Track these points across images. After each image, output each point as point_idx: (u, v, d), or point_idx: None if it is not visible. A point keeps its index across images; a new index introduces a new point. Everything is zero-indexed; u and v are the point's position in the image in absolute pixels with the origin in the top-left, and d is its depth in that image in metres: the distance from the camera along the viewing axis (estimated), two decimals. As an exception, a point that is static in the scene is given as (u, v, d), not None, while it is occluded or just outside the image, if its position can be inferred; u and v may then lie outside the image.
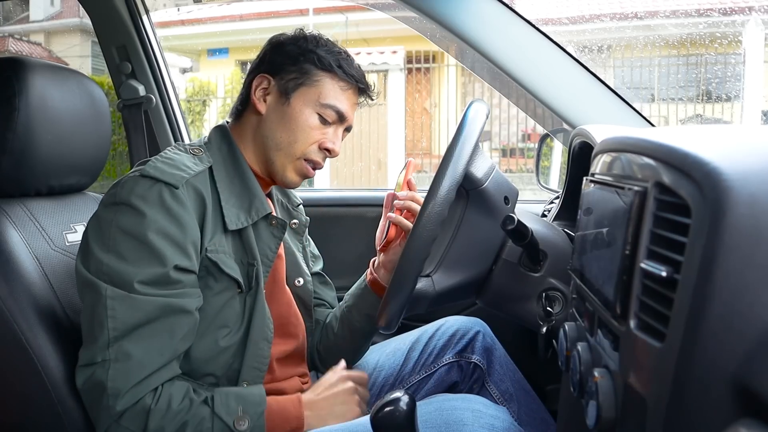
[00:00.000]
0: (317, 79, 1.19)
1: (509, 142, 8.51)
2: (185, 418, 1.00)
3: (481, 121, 1.02)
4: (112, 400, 0.97)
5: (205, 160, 1.13)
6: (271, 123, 1.19)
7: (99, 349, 0.98)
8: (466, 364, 1.33)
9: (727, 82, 6.47)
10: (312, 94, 1.18)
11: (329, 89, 1.19)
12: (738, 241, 0.47)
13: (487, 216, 1.08)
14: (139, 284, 0.99)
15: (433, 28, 1.47)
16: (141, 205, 1.01)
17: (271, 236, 1.18)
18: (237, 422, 1.02)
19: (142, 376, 0.98)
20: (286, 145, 1.18)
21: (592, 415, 0.62)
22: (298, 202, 1.38)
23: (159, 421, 0.98)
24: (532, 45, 1.42)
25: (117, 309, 0.98)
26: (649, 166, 0.60)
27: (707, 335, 0.47)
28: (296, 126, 1.18)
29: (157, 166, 1.06)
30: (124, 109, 2.04)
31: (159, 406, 0.99)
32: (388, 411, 0.83)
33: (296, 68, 1.19)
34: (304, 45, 1.20)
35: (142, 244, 1.00)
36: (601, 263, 0.68)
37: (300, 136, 1.18)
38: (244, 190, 1.15)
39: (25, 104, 1.15)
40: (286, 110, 1.18)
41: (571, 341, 0.77)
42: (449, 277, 1.08)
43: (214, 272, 1.09)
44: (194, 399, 1.02)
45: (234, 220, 1.12)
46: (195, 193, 1.07)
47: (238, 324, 1.12)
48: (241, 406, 1.04)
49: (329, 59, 1.19)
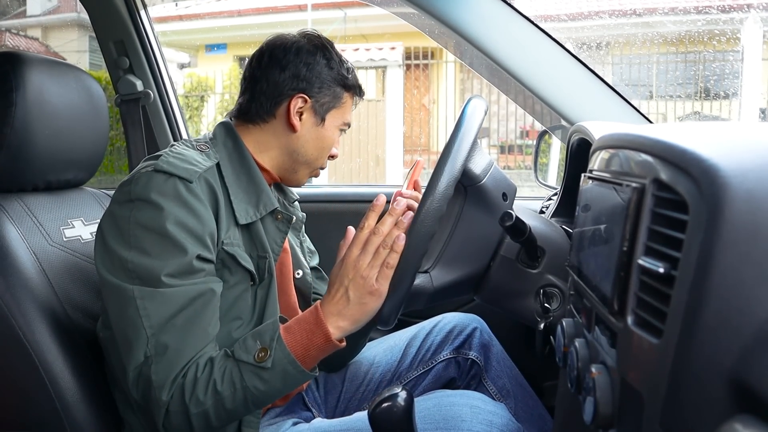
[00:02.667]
0: (344, 101, 1.24)
1: (507, 138, 8.51)
2: (212, 378, 0.99)
3: (479, 118, 1.03)
4: (157, 392, 0.97)
5: (212, 156, 1.13)
6: (305, 141, 1.21)
7: (140, 350, 0.98)
8: (463, 361, 1.33)
9: (725, 79, 6.47)
10: (340, 114, 1.24)
11: (347, 107, 1.25)
12: (735, 237, 0.47)
13: (485, 212, 1.08)
14: (166, 277, 0.98)
15: (432, 24, 1.47)
16: (158, 199, 1.01)
17: (277, 230, 1.19)
18: (258, 357, 1.00)
19: (182, 364, 0.98)
20: (313, 160, 1.23)
21: (589, 411, 0.62)
22: (294, 198, 1.38)
23: (191, 393, 0.97)
24: (530, 42, 1.42)
25: (149, 307, 0.98)
26: (647, 162, 0.60)
27: (704, 331, 0.47)
28: (326, 145, 1.24)
29: (169, 161, 1.05)
30: (121, 104, 2.04)
31: (187, 381, 0.98)
32: (386, 407, 0.84)
33: (330, 92, 1.22)
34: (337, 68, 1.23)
35: (164, 237, 0.99)
36: (598, 260, 0.68)
37: (326, 153, 1.25)
38: (250, 185, 1.15)
39: (23, 99, 1.14)
40: (320, 131, 1.22)
41: (568, 337, 0.77)
42: (447, 274, 1.08)
43: (230, 265, 1.09)
44: (214, 358, 1.01)
45: (243, 215, 1.12)
46: (208, 187, 1.07)
47: (249, 316, 1.13)
48: (258, 340, 1.02)
49: (353, 80, 1.24)
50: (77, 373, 1.11)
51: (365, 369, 1.36)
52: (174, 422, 0.99)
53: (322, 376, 1.35)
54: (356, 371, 1.36)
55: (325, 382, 1.35)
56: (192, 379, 0.98)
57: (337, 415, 1.32)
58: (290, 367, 1.00)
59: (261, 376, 0.99)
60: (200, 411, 0.98)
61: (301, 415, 1.24)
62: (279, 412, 1.22)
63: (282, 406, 1.23)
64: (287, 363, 0.99)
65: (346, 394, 1.34)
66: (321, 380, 1.35)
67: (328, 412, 1.32)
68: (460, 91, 9.02)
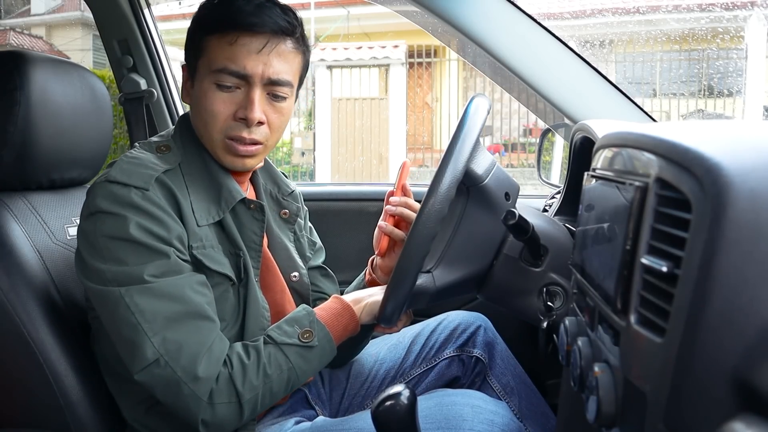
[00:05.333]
0: (204, 46, 1.07)
1: (511, 136, 8.51)
2: (261, 362, 1.02)
3: (481, 117, 1.02)
4: (192, 384, 0.96)
5: (173, 158, 1.08)
6: (191, 112, 1.13)
7: (145, 349, 0.96)
8: (467, 358, 1.33)
9: (729, 77, 6.46)
10: (204, 66, 1.07)
11: (216, 51, 1.05)
12: (738, 236, 0.47)
13: (487, 212, 1.08)
14: (149, 276, 0.97)
15: (435, 22, 1.47)
16: (116, 210, 0.98)
17: (253, 219, 1.14)
18: (302, 337, 1.06)
19: (203, 352, 0.98)
20: (203, 130, 1.09)
21: (592, 410, 0.62)
22: (290, 190, 1.31)
23: (243, 380, 1.00)
24: (533, 40, 1.42)
25: (140, 303, 0.96)
26: (650, 161, 0.60)
27: (707, 330, 0.47)
28: (202, 107, 1.07)
29: (123, 167, 1.02)
30: (125, 102, 2.04)
31: (236, 369, 1.00)
32: (389, 405, 0.84)
33: (191, 46, 1.10)
34: (195, 16, 1.09)
35: (133, 243, 0.97)
36: (601, 258, 0.68)
37: (208, 117, 1.07)
38: (211, 181, 1.11)
39: (27, 98, 1.15)
40: (195, 95, 1.09)
41: (571, 336, 0.77)
42: (450, 273, 1.08)
43: (202, 269, 1.06)
44: (257, 345, 1.04)
45: (204, 215, 1.07)
46: (165, 190, 1.03)
47: (234, 316, 1.11)
48: (296, 325, 1.08)
49: (210, 15, 1.07)
50: (81, 370, 1.12)
51: (369, 366, 1.36)
52: (219, 414, 0.99)
53: (327, 372, 1.35)
54: (360, 368, 1.36)
55: (329, 379, 1.35)
56: (240, 366, 1.01)
57: (341, 411, 1.32)
58: (328, 345, 1.09)
59: (305, 355, 1.06)
60: (253, 396, 1.01)
61: (304, 413, 1.24)
62: (282, 411, 1.22)
63: (285, 405, 1.22)
64: (326, 341, 1.08)
65: (350, 390, 1.34)
66: (326, 377, 1.35)
67: (332, 409, 1.32)
68: (463, 89, 9.02)
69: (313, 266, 1.38)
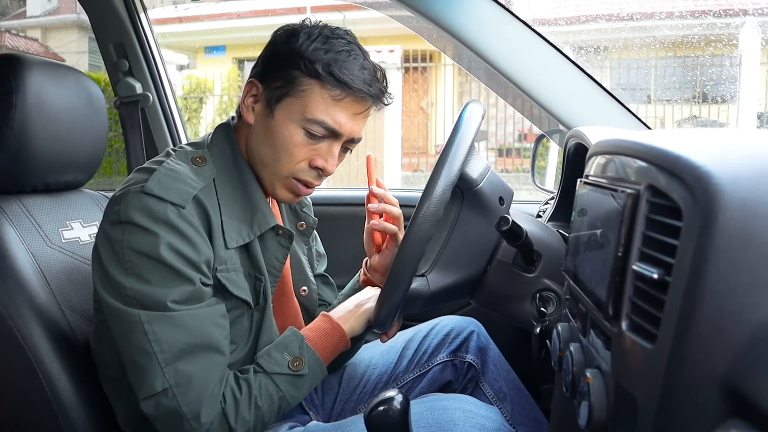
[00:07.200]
0: (303, 88, 1.04)
1: (506, 141, 8.52)
2: (252, 395, 1.01)
3: (476, 122, 1.03)
4: (194, 422, 0.96)
5: (207, 172, 1.05)
6: (257, 136, 1.08)
7: (155, 378, 0.95)
8: (460, 364, 1.33)
9: (723, 83, 6.48)
10: (297, 106, 1.04)
11: (317, 101, 1.03)
12: (728, 244, 0.47)
13: (482, 216, 1.08)
14: (172, 303, 0.95)
15: (430, 27, 1.47)
16: (149, 225, 0.95)
17: (279, 246, 1.13)
18: (292, 365, 1.05)
19: (209, 390, 0.97)
20: (270, 162, 1.08)
21: (583, 416, 0.62)
22: (307, 202, 1.33)
23: (236, 416, 0.99)
24: (528, 46, 1.43)
25: (158, 332, 0.94)
26: (642, 168, 0.60)
27: (697, 337, 0.47)
28: (279, 143, 1.05)
29: (161, 181, 0.98)
30: (121, 106, 2.05)
31: (228, 405, 0.99)
32: (382, 410, 0.84)
33: (282, 75, 1.05)
34: (295, 45, 1.04)
35: (161, 264, 0.95)
36: (594, 265, 0.69)
37: (283, 155, 1.06)
38: (246, 201, 1.08)
39: (22, 101, 1.15)
40: (270, 123, 1.06)
41: (564, 342, 0.78)
42: (444, 277, 1.08)
43: (223, 291, 1.05)
44: (247, 377, 1.03)
45: (235, 237, 1.05)
46: (201, 209, 1.01)
47: (245, 339, 1.10)
48: (285, 352, 1.06)
49: (319, 63, 1.02)
50: (74, 375, 1.11)
51: (362, 371, 1.36)
52: None
53: (320, 378, 1.35)
54: (353, 373, 1.36)
55: (322, 384, 1.35)
56: (232, 401, 0.99)
57: (334, 416, 1.32)
58: (318, 369, 1.08)
59: (296, 383, 1.05)
60: (245, 430, 1.00)
61: (299, 419, 1.24)
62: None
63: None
64: (317, 367, 1.08)
65: (343, 395, 1.34)
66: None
67: (324, 414, 1.32)
68: (458, 94, 9.02)
69: (315, 274, 1.38)
